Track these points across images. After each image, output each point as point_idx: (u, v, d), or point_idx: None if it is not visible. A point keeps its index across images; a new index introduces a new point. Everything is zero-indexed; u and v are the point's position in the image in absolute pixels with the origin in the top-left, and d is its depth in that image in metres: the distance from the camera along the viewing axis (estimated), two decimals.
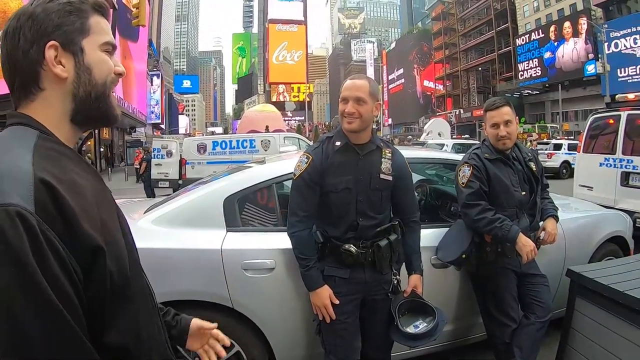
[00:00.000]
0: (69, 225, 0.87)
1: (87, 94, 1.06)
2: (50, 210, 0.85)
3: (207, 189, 3.34)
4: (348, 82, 2.61)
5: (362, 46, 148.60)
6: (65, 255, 0.85)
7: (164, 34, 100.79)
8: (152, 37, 64.07)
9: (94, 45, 1.08)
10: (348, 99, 2.55)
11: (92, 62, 1.07)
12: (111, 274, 0.94)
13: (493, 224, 3.03)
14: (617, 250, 4.42)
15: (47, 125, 1.02)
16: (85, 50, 1.06)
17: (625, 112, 8.18)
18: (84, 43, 1.06)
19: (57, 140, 1.02)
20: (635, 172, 7.77)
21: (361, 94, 2.54)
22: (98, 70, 1.08)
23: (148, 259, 2.83)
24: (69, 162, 0.99)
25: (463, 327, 3.57)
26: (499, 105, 3.22)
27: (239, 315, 2.89)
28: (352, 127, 2.55)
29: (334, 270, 2.63)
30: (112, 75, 1.11)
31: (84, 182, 0.98)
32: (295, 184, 2.64)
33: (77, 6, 1.06)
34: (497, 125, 3.17)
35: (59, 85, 1.04)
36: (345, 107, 2.54)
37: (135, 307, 1.04)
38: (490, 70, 73.36)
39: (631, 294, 2.65)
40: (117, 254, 0.98)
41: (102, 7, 1.12)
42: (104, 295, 0.93)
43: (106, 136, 42.21)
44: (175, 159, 16.86)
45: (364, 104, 2.54)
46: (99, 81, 1.08)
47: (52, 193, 0.86)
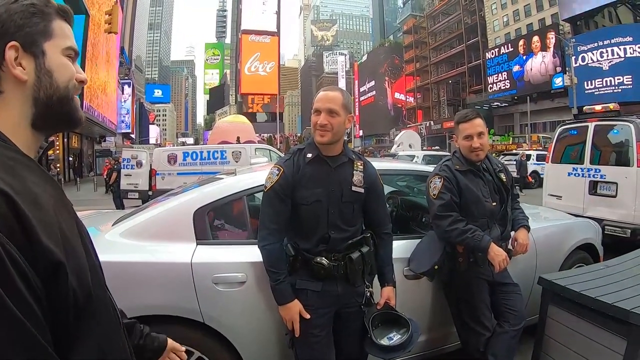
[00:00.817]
0: (29, 238, 0.83)
1: (49, 97, 1.03)
2: (10, 223, 0.81)
3: (176, 201, 3.28)
4: (321, 94, 2.59)
5: (334, 58, 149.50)
6: (26, 268, 0.80)
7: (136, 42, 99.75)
8: (125, 45, 63.43)
9: (56, 49, 1.05)
10: (320, 110, 2.52)
11: (53, 66, 1.04)
12: (73, 289, 0.90)
13: (465, 234, 3.05)
14: (587, 258, 4.50)
15: (4, 131, 0.98)
16: (47, 53, 1.03)
17: (593, 123, 8.44)
18: (45, 46, 1.03)
19: (14, 148, 0.97)
20: (603, 181, 7.99)
21: (334, 106, 2.52)
22: (59, 74, 1.05)
23: (117, 272, 2.81)
24: (27, 172, 0.94)
25: (437, 337, 3.57)
26: (472, 118, 3.26)
27: (210, 329, 2.84)
28: (324, 139, 2.52)
29: (306, 284, 2.60)
30: (73, 82, 1.08)
31: (43, 194, 0.93)
32: (266, 197, 2.61)
33: (40, 8, 1.03)
34: (470, 137, 3.21)
35: (18, 88, 1.00)
36: (318, 119, 2.52)
37: (100, 324, 0.99)
38: (460, 83, 74.72)
39: (602, 300, 2.73)
40: (79, 268, 0.94)
41: (66, 12, 1.10)
42: (67, 312, 0.89)
43: (75, 145, 41.52)
44: (145, 169, 16.52)
45: (336, 115, 2.52)
46: (60, 85, 1.05)
47: (11, 205, 0.82)
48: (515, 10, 62.33)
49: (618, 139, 8.15)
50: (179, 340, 2.82)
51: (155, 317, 2.81)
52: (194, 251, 2.89)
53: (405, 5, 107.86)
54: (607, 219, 7.57)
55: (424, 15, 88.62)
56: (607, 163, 8.10)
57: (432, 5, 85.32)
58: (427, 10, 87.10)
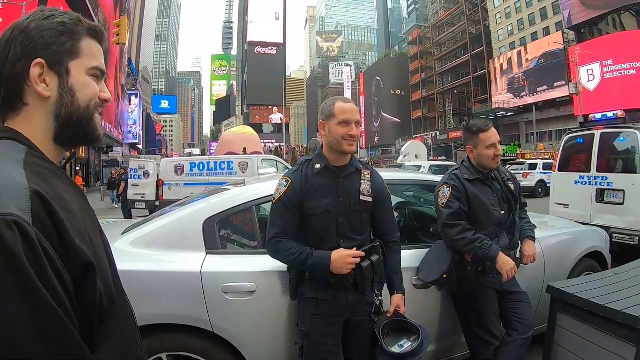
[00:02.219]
0: (63, 239, 0.87)
1: (69, 116, 1.06)
2: (46, 223, 0.85)
3: (186, 210, 3.31)
4: (347, 105, 2.61)
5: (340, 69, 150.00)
6: (60, 266, 0.85)
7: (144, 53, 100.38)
8: (132, 57, 63.93)
9: (81, 69, 1.08)
10: (351, 122, 2.57)
11: (76, 85, 1.07)
12: (100, 292, 0.94)
13: (473, 243, 3.06)
14: (595, 266, 4.48)
15: (33, 141, 1.02)
16: (72, 72, 1.06)
17: (599, 130, 8.41)
18: (71, 65, 1.06)
19: (44, 157, 1.02)
20: (610, 189, 7.94)
21: (359, 117, 2.63)
22: (81, 94, 1.07)
23: (126, 281, 2.79)
24: (57, 179, 0.98)
25: (446, 346, 3.56)
26: (491, 126, 3.33)
27: (219, 339, 2.85)
28: (353, 149, 2.60)
29: (316, 293, 2.60)
30: (96, 100, 1.11)
31: (71, 200, 0.97)
32: (274, 207, 2.63)
33: (70, 27, 1.07)
34: (493, 146, 3.25)
35: (41, 103, 1.04)
36: (349, 130, 2.55)
37: (121, 328, 1.04)
38: (465, 93, 74.74)
39: (611, 307, 2.72)
40: (104, 273, 0.98)
41: (97, 31, 1.14)
42: (93, 314, 0.93)
43: (82, 155, 41.66)
44: (152, 179, 16.60)
45: (359, 126, 2.62)
46: (81, 104, 1.07)
47: (46, 206, 0.86)
48: (519, 20, 62.44)
49: (624, 147, 8.11)
50: (188, 349, 2.86)
51: (164, 326, 2.83)
52: (203, 260, 2.91)
53: (410, 16, 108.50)
54: (615, 227, 7.51)
55: (429, 25, 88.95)
56: (613, 171, 8.05)
57: (437, 16, 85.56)
58: (432, 21, 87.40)
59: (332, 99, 2.68)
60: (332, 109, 2.59)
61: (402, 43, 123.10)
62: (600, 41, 46.83)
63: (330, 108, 2.60)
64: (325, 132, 2.62)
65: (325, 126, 2.61)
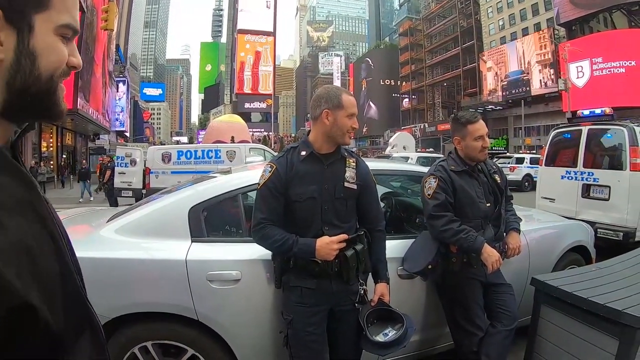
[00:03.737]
0: None
1: (25, 88, 0.79)
2: None
3: (171, 198, 3.29)
4: (352, 99, 2.67)
5: (330, 59, 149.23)
6: None
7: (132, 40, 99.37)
8: (120, 43, 63.15)
9: (49, 25, 0.80)
10: (355, 114, 2.65)
11: (39, 47, 0.79)
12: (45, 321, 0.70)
13: (458, 234, 3.06)
14: (579, 260, 4.52)
15: None
16: (35, 30, 0.78)
17: (587, 126, 8.51)
18: (36, 19, 0.78)
19: None
20: (596, 185, 8.04)
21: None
22: (45, 60, 0.81)
23: (111, 269, 2.81)
24: None
25: (430, 337, 3.58)
26: (479, 118, 3.33)
27: (204, 327, 2.84)
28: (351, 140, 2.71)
29: (301, 281, 2.60)
30: (63, 68, 0.85)
31: (11, 202, 0.73)
32: (259, 193, 2.62)
33: None
34: (481, 138, 3.25)
35: None
36: (353, 123, 2.63)
37: (81, 349, 0.83)
38: (455, 86, 74.86)
39: (594, 300, 2.75)
40: (49, 292, 0.73)
41: None
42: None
43: (69, 142, 41.31)
44: (139, 167, 16.45)
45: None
46: (43, 73, 0.80)
47: None
48: (511, 15, 62.53)
49: (611, 143, 8.20)
50: (173, 338, 2.86)
51: (149, 315, 2.82)
52: (188, 248, 2.89)
53: (401, 7, 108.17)
54: (600, 222, 7.61)
55: (420, 17, 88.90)
56: (600, 167, 8.14)
57: (428, 8, 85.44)
58: (424, 13, 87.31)
59: (336, 89, 2.69)
60: (340, 100, 2.59)
61: (393, 34, 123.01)
62: (590, 39, 47.16)
63: (339, 99, 2.59)
64: (328, 122, 2.58)
65: (330, 115, 2.58)
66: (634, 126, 7.82)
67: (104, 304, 2.72)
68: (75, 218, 4.13)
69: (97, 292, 2.72)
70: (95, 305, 0.95)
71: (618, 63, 43.97)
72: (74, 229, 3.70)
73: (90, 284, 2.75)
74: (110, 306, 2.75)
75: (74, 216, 4.23)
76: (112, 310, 2.76)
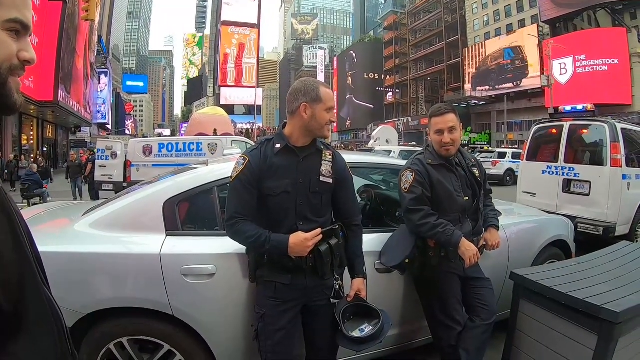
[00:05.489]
0: None
1: None
2: None
3: (146, 191, 3.22)
4: (330, 92, 2.63)
5: (314, 52, 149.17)
6: None
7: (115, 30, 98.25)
8: (102, 34, 62.42)
9: None
10: (333, 108, 2.61)
11: None
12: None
13: (436, 228, 3.04)
14: (559, 254, 4.54)
15: None
16: None
17: (568, 122, 8.59)
18: None
19: None
20: (577, 180, 8.12)
21: None
22: None
23: (85, 263, 2.75)
24: None
25: (409, 331, 3.57)
26: (444, 112, 3.25)
27: (180, 322, 2.79)
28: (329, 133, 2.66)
29: (274, 276, 2.56)
30: (12, 62, 0.87)
31: None
32: (231, 187, 2.57)
33: None
34: (441, 132, 3.20)
35: None
36: (332, 117, 2.59)
37: (35, 337, 0.85)
38: (439, 81, 75.31)
39: (574, 295, 2.75)
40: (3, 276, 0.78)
41: None
42: None
43: (50, 135, 40.77)
44: (120, 160, 16.20)
45: None
46: None
47: None
48: (495, 11, 63.09)
49: (592, 139, 8.29)
50: (149, 333, 2.81)
51: (124, 310, 2.78)
52: (163, 242, 2.84)
53: (386, 1, 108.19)
54: (580, 217, 7.71)
55: (405, 12, 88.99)
56: (581, 162, 8.23)
57: (413, 3, 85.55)
58: (409, 7, 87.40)
59: (313, 82, 2.63)
60: (318, 93, 2.54)
61: (378, 28, 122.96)
62: (574, 36, 47.82)
63: (317, 92, 2.54)
64: (307, 115, 2.53)
65: (308, 109, 2.53)
66: (615, 122, 7.92)
67: (77, 300, 2.69)
68: (51, 212, 4.07)
69: (70, 288, 2.68)
70: (68, 302, 0.94)
71: (601, 61, 44.62)
72: (49, 224, 3.64)
73: (63, 280, 2.68)
74: (84, 302, 2.71)
75: (50, 210, 4.17)
76: (86, 306, 2.71)
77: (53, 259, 2.55)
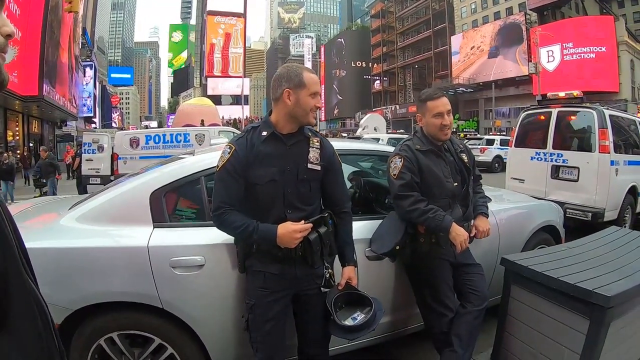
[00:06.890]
0: None
1: None
2: None
3: (132, 183, 3.18)
4: (315, 77, 2.58)
5: (301, 41, 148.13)
6: None
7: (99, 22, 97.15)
8: (87, 26, 61.57)
9: None
10: (318, 93, 2.56)
11: None
12: None
13: (426, 214, 3.03)
14: (549, 239, 4.57)
15: None
16: None
17: (556, 109, 8.64)
18: None
19: None
20: (565, 166, 8.18)
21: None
22: None
23: (73, 258, 2.71)
24: None
25: (401, 318, 3.57)
26: (441, 95, 3.25)
27: (170, 315, 2.77)
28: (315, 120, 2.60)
29: (264, 266, 2.54)
30: None
31: None
32: (218, 176, 2.53)
33: None
34: (440, 115, 3.18)
35: None
36: (317, 102, 2.55)
37: (19, 331, 0.85)
38: (426, 68, 75.24)
39: (565, 280, 2.76)
40: None
41: None
42: None
43: (36, 130, 40.24)
44: (106, 153, 16.09)
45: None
46: None
47: None
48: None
49: (580, 125, 8.35)
50: (139, 327, 2.78)
51: (113, 305, 2.75)
52: (150, 234, 2.81)
53: None
54: (569, 203, 7.78)
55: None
56: (569, 148, 8.27)
57: None
58: None
59: (296, 67, 2.58)
60: (302, 78, 2.50)
61: (365, 16, 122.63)
62: (562, 24, 48.10)
63: (300, 77, 2.50)
64: (290, 101, 2.49)
65: (292, 95, 2.49)
66: (603, 109, 7.97)
67: (66, 295, 2.66)
68: (39, 207, 4.03)
69: (58, 283, 2.64)
70: (56, 298, 0.92)
71: (588, 49, 44.96)
72: (36, 219, 3.59)
73: (50, 275, 2.63)
74: (73, 297, 2.68)
75: (38, 205, 4.13)
76: (74, 301, 2.68)
77: (39, 255, 2.49)
